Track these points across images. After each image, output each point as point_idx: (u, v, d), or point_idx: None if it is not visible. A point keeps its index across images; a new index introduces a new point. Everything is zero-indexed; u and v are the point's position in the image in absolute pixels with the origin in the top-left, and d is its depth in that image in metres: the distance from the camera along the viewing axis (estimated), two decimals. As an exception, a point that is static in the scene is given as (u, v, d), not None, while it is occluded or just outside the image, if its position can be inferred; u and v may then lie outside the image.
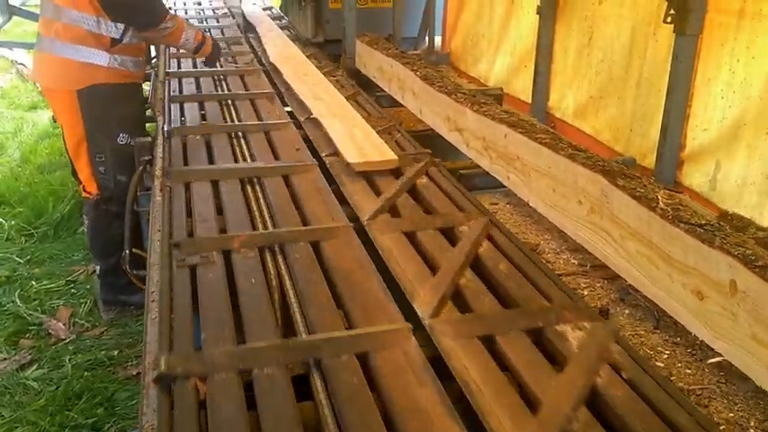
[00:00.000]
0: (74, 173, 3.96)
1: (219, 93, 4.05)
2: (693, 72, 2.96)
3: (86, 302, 4.33)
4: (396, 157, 2.77)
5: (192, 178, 2.72)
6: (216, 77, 4.34)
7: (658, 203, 2.03)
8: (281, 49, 4.95)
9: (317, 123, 3.34)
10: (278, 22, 6.59)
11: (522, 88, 4.43)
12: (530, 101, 4.30)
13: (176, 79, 4.30)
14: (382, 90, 4.52)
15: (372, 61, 4.72)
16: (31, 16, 7.28)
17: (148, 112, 4.29)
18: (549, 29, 4.07)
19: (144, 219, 3.42)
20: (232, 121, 3.48)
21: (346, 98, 4.11)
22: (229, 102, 3.83)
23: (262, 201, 2.60)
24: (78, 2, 3.52)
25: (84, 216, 4.12)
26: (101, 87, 3.65)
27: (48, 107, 7.52)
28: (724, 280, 1.72)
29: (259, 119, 3.51)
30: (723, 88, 2.84)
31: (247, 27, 5.97)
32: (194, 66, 4.72)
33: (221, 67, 4.61)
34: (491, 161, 2.98)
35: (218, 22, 6.53)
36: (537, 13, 4.14)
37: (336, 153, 2.94)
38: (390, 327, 1.77)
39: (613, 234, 2.17)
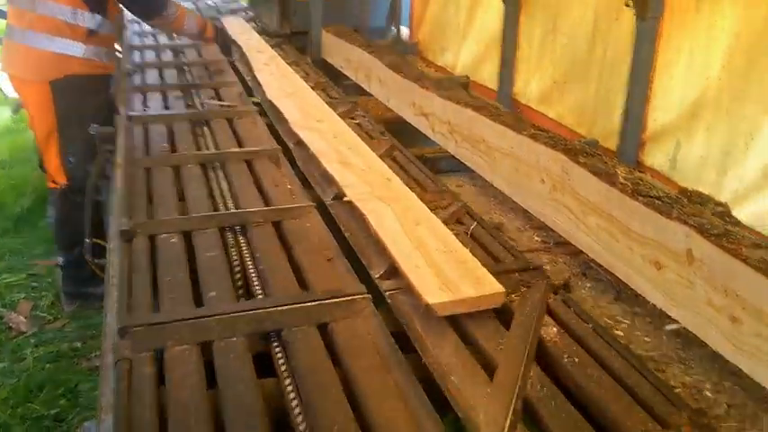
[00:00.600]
0: (41, 164, 3.90)
1: (205, 152, 2.90)
2: (654, 55, 3.00)
3: (48, 296, 4.27)
4: (501, 288, 1.75)
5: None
6: (195, 121, 3.29)
7: (618, 179, 2.06)
8: (281, 81, 3.87)
9: (350, 208, 2.27)
10: (243, 14, 6.50)
11: (488, 76, 4.46)
12: (496, 88, 4.32)
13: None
14: (349, 79, 4.51)
15: (339, 51, 4.71)
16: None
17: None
18: (514, 16, 4.10)
19: (105, 208, 3.38)
20: (227, 208, 2.40)
21: (313, 87, 4.10)
22: (218, 169, 2.72)
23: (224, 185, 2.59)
24: None
25: (51, 207, 4.07)
26: (75, 78, 3.63)
27: (7, 104, 7.37)
28: (681, 249, 1.75)
29: (266, 202, 2.43)
30: (683, 70, 2.89)
31: (229, 47, 4.94)
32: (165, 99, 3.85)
33: (201, 101, 3.70)
34: (456, 144, 2.99)
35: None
36: (502, 1, 4.17)
37: (394, 272, 1.89)
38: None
39: (575, 210, 2.19)
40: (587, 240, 2.13)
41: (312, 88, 4.12)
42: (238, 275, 1.95)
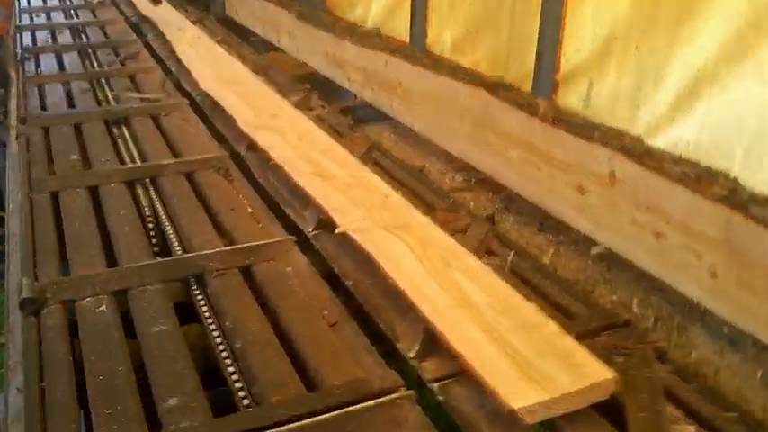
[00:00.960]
0: None
1: (130, 166, 2.28)
2: (564, -5, 2.99)
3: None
4: (610, 373, 1.22)
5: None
6: (110, 121, 2.65)
7: (538, 109, 2.05)
8: (214, 66, 3.22)
9: (345, 242, 1.71)
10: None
11: (400, 28, 4.37)
12: (408, 40, 4.25)
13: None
14: (257, 35, 4.34)
15: (243, 7, 4.51)
16: None
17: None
18: (423, -34, 4.02)
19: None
20: (172, 251, 1.91)
21: (218, 42, 3.91)
22: (149, 186, 2.13)
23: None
24: None
25: None
26: None
27: None
28: (604, 172, 1.75)
29: (223, 236, 1.85)
30: (593, 8, 2.90)
31: (141, 25, 4.29)
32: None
33: (114, 94, 3.05)
34: (373, 92, 2.92)
35: (94, 16, 4.63)
36: (411, -49, 4.07)
37: (435, 346, 1.34)
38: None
39: (497, 145, 2.17)
40: (510, 175, 2.11)
41: (219, 43, 3.95)
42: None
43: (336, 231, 1.69)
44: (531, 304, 1.41)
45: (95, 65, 3.52)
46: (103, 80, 3.19)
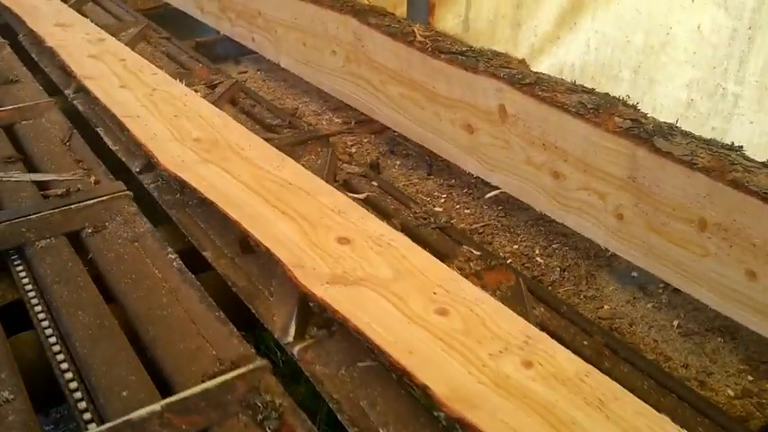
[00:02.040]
0: None
1: None
2: None
3: None
4: None
5: None
6: None
7: (416, 37, 1.82)
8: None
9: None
10: None
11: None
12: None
13: None
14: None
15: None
16: None
17: None
18: None
19: None
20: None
21: None
22: None
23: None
24: None
25: None
26: None
27: None
28: (492, 107, 1.56)
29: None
30: None
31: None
32: None
33: None
34: (231, 24, 2.58)
35: None
36: None
37: None
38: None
39: (373, 81, 1.94)
40: (390, 114, 1.89)
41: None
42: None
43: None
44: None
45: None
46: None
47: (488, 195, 1.61)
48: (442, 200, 1.66)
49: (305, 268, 1.19)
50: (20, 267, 1.32)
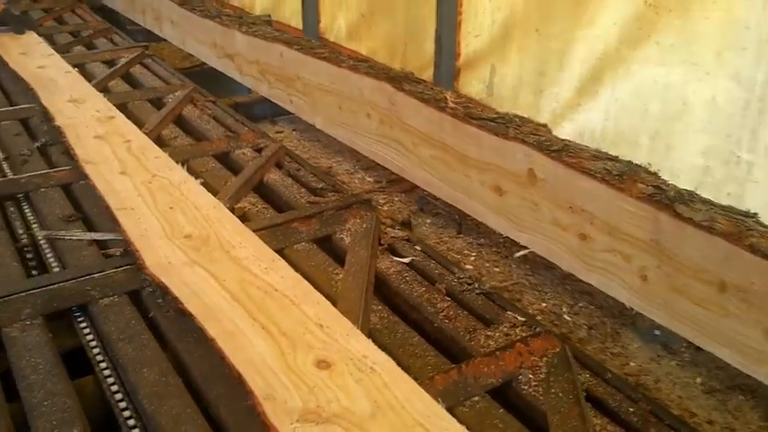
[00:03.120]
0: None
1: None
2: (460, -22, 2.91)
3: None
4: None
5: None
6: None
7: (447, 104, 1.95)
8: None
9: None
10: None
11: (290, 14, 4.17)
12: (300, 26, 4.06)
13: None
14: (136, 24, 4.01)
15: (120, -8, 4.16)
16: None
17: None
18: (311, -53, 3.83)
19: None
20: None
21: (92, 35, 3.57)
22: None
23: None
24: None
25: None
26: None
27: None
28: (522, 170, 1.67)
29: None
30: (490, -8, 2.83)
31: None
32: None
33: None
34: (270, 86, 2.73)
35: None
36: (297, -69, 3.88)
37: None
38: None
39: (406, 143, 2.06)
40: (422, 174, 2.00)
41: (92, 36, 3.62)
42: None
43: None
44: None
45: None
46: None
47: (517, 255, 1.70)
48: (472, 257, 1.75)
49: (276, 401, 1.09)
50: (83, 324, 1.38)
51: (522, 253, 1.69)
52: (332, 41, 3.91)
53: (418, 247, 1.68)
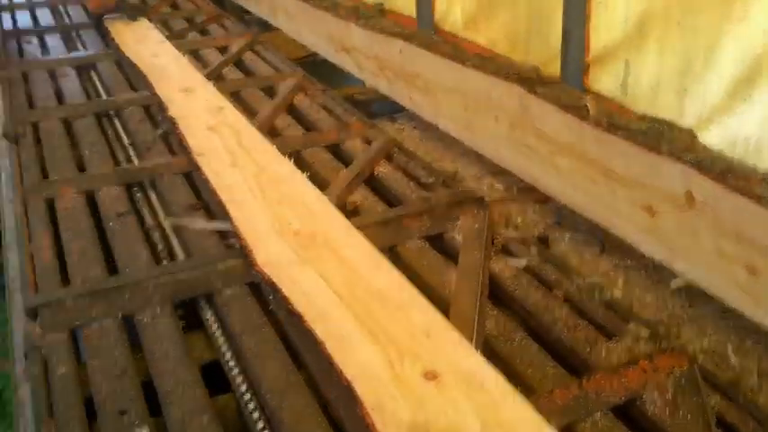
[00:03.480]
0: None
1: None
2: (591, -35, 2.72)
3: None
4: None
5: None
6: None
7: (589, 111, 1.81)
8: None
9: None
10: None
11: (403, 2, 4.08)
12: (414, 15, 3.96)
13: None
14: (249, 13, 4.04)
15: (236, -18, 4.20)
16: None
17: None
18: (427, -69, 3.71)
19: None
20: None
21: (206, 21, 3.65)
22: None
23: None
24: None
25: None
26: None
27: None
28: (678, 191, 1.52)
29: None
30: (625, -20, 2.62)
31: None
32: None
33: None
34: (389, 82, 2.66)
35: (83, 47, 3.52)
36: None
37: None
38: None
39: (540, 151, 1.94)
40: (559, 186, 1.88)
41: (205, 22, 3.69)
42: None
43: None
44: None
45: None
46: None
47: (674, 285, 1.55)
48: (620, 282, 1.62)
49: (384, 412, 1.08)
50: (209, 314, 1.46)
51: (679, 283, 1.54)
52: (447, 31, 3.79)
53: (535, 249, 1.66)
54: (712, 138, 2.28)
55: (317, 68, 3.10)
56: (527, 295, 1.49)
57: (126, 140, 2.32)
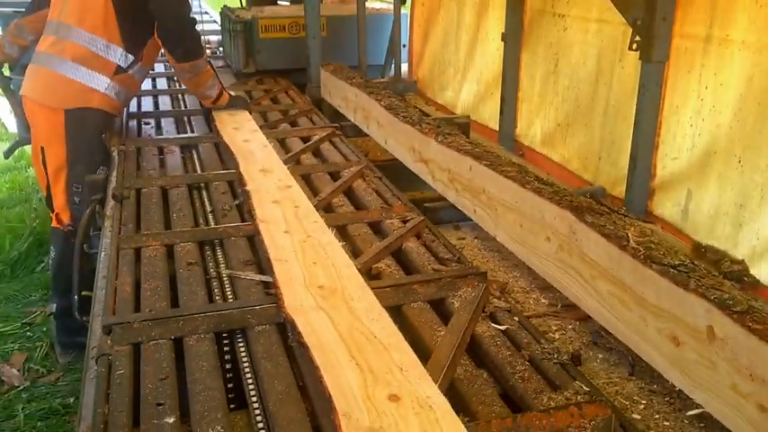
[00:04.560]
0: (48, 200, 3.80)
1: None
2: (661, 99, 2.89)
3: (42, 346, 4.15)
4: None
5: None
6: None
7: (629, 242, 1.93)
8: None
9: None
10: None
11: (489, 116, 4.36)
12: (497, 128, 4.22)
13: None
14: (347, 120, 4.42)
15: (337, 90, 4.62)
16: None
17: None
18: (514, 56, 4.01)
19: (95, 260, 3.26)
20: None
21: (298, 113, 4.12)
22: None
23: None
24: (92, 24, 3.45)
25: (52, 248, 3.96)
26: (90, 112, 3.54)
27: (6, 140, 7.31)
28: (701, 326, 1.61)
29: None
30: (692, 116, 2.77)
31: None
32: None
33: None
34: (457, 193, 2.88)
35: (190, 129, 4.10)
36: (502, 40, 4.09)
37: None
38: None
39: (584, 273, 2.07)
40: (597, 307, 1.99)
41: (296, 114, 4.12)
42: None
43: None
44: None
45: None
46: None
47: (690, 413, 1.62)
48: (642, 406, 1.70)
49: (351, 419, 1.44)
50: (241, 343, 1.83)
51: (694, 412, 1.61)
52: (526, 146, 4.02)
53: (516, 318, 1.97)
54: (764, 271, 2.33)
55: (397, 172, 3.37)
56: (498, 352, 1.82)
57: (208, 207, 2.81)
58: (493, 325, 1.94)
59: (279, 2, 7.60)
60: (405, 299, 2.05)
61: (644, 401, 1.72)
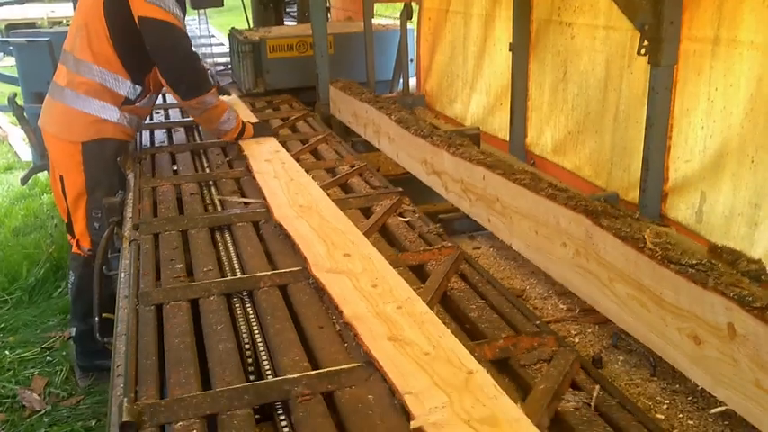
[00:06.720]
0: (69, 226, 3.86)
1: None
2: (671, 103, 2.90)
3: (62, 370, 4.18)
4: None
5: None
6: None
7: (646, 243, 1.94)
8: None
9: None
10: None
11: (499, 126, 4.38)
12: (508, 139, 4.24)
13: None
14: (358, 135, 4.46)
15: (346, 106, 4.67)
16: (4, 79, 7.20)
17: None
18: (522, 65, 4.04)
19: (115, 282, 3.29)
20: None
21: (317, 141, 4.07)
22: None
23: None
24: (99, 58, 3.53)
25: (71, 273, 4.01)
26: (106, 142, 3.62)
27: (20, 168, 7.41)
28: (721, 323, 1.62)
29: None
30: (702, 118, 2.78)
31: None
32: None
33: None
34: (471, 204, 2.89)
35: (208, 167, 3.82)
36: (510, 51, 4.12)
37: None
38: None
39: (601, 277, 2.07)
40: (616, 309, 2.00)
41: (316, 143, 4.10)
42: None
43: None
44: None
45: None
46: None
47: (714, 411, 1.62)
48: (665, 405, 1.70)
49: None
50: (282, 417, 1.64)
51: (718, 409, 1.61)
52: (537, 155, 4.04)
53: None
54: (781, 271, 2.32)
55: (410, 185, 3.39)
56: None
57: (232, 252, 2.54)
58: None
59: (286, 22, 7.70)
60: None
61: (667, 401, 1.72)
